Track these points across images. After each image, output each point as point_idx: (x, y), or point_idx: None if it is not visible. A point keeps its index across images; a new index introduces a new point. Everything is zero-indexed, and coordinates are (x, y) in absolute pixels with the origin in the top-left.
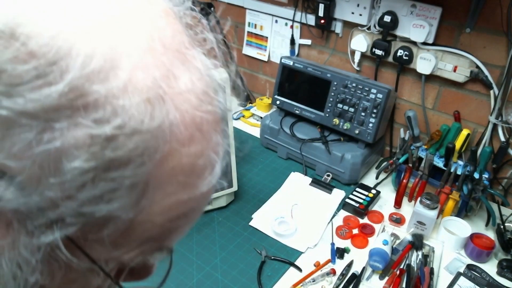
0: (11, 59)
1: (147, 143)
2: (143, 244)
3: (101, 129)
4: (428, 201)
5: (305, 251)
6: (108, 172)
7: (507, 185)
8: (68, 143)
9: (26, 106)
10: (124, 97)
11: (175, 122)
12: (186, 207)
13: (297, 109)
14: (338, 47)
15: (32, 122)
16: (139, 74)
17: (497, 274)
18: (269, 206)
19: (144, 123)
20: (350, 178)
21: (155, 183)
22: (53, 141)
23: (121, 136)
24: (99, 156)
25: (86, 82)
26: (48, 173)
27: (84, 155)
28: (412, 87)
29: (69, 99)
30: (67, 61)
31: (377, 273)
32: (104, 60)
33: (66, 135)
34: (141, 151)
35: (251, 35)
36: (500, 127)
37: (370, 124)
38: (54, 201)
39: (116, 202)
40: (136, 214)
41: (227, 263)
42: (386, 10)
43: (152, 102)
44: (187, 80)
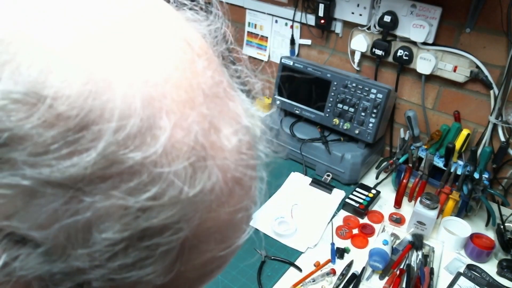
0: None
1: (185, 211)
2: None
3: (136, 199)
4: (428, 201)
5: (305, 251)
6: (142, 241)
7: (507, 185)
8: (98, 214)
9: (52, 176)
10: (163, 163)
11: (216, 183)
12: (220, 261)
13: (297, 109)
14: (338, 47)
15: (58, 191)
16: (179, 133)
17: (497, 274)
18: (269, 206)
19: (184, 191)
20: (350, 178)
21: (191, 245)
22: (82, 212)
23: (157, 206)
24: (132, 227)
25: (121, 149)
26: (76, 244)
27: (116, 226)
28: (412, 87)
29: (101, 168)
30: (100, 125)
31: (377, 273)
32: (140, 120)
33: (97, 206)
34: (178, 218)
35: (251, 35)
36: (500, 127)
37: (370, 124)
38: (81, 269)
39: (149, 268)
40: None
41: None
42: (386, 10)
43: (193, 165)
44: (230, 133)
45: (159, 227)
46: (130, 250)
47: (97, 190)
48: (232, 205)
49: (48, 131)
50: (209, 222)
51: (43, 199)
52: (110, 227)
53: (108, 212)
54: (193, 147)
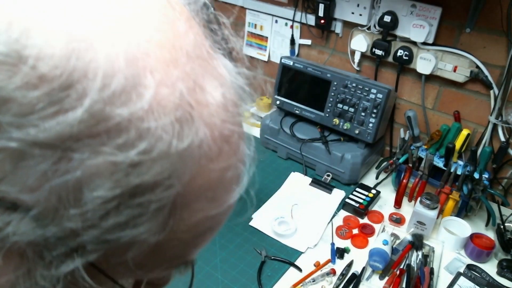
0: (20, 86)
1: (175, 166)
2: (167, 262)
3: (125, 155)
4: (428, 201)
5: (305, 251)
6: (134, 198)
7: (507, 185)
8: (88, 172)
9: (39, 136)
10: (149, 119)
11: (204, 139)
12: (213, 221)
13: (297, 109)
14: (338, 47)
15: (46, 152)
16: (164, 90)
17: (497, 274)
18: (269, 206)
19: (172, 145)
20: (350, 178)
21: (183, 203)
22: (72, 171)
23: (147, 161)
24: (123, 184)
25: (107, 106)
26: (68, 204)
27: (107, 183)
28: (412, 87)
29: (88, 126)
30: (84, 83)
31: (377, 273)
32: (125, 79)
33: (86, 164)
34: (168, 174)
35: (251, 35)
36: (500, 127)
37: (370, 124)
38: (74, 231)
39: (142, 226)
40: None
41: (227, 263)
42: (386, 10)
43: (180, 121)
44: (214, 90)
45: (150, 183)
46: (122, 208)
47: (85, 148)
48: (221, 163)
49: (32, 92)
50: (200, 180)
51: (31, 160)
52: (101, 185)
53: (98, 169)
54: (179, 104)
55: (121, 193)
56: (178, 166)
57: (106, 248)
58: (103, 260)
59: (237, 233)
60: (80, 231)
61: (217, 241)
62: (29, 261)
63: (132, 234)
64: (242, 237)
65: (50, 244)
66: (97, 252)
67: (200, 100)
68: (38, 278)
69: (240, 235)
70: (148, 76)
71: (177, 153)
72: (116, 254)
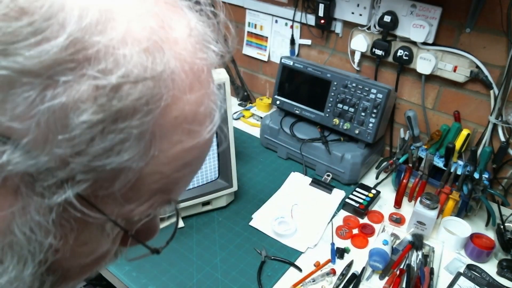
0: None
1: (151, 91)
2: (152, 197)
3: (106, 79)
4: (428, 201)
5: (305, 251)
6: (116, 123)
7: (507, 185)
8: (73, 97)
9: (25, 63)
10: (124, 47)
11: (176, 71)
12: (190, 155)
13: (297, 109)
14: (338, 47)
15: (33, 80)
16: (136, 25)
17: (497, 274)
18: (269, 206)
19: (147, 71)
20: (350, 178)
21: (161, 132)
22: (58, 97)
23: (126, 84)
24: (106, 108)
25: (86, 35)
26: (56, 131)
27: (91, 108)
28: (412, 87)
29: (70, 53)
30: (63, 15)
31: (377, 273)
32: (99, 12)
33: (71, 90)
34: (146, 99)
35: (251, 35)
36: (500, 127)
37: (370, 124)
38: (63, 159)
39: (126, 153)
40: (145, 164)
41: (227, 263)
42: (386, 10)
43: (151, 51)
44: (182, 29)
45: (130, 109)
46: (107, 132)
47: (70, 75)
48: (193, 97)
49: (15, 22)
50: (175, 111)
51: (19, 88)
52: (86, 110)
53: (83, 95)
54: (150, 37)
55: (104, 117)
56: (154, 91)
57: (94, 177)
58: (92, 193)
59: (237, 233)
60: (69, 159)
61: (217, 241)
62: (23, 196)
63: (117, 161)
64: (242, 237)
65: (42, 175)
66: (86, 182)
67: (169, 36)
68: (33, 213)
69: (240, 235)
70: (120, 12)
71: (152, 78)
72: (104, 186)
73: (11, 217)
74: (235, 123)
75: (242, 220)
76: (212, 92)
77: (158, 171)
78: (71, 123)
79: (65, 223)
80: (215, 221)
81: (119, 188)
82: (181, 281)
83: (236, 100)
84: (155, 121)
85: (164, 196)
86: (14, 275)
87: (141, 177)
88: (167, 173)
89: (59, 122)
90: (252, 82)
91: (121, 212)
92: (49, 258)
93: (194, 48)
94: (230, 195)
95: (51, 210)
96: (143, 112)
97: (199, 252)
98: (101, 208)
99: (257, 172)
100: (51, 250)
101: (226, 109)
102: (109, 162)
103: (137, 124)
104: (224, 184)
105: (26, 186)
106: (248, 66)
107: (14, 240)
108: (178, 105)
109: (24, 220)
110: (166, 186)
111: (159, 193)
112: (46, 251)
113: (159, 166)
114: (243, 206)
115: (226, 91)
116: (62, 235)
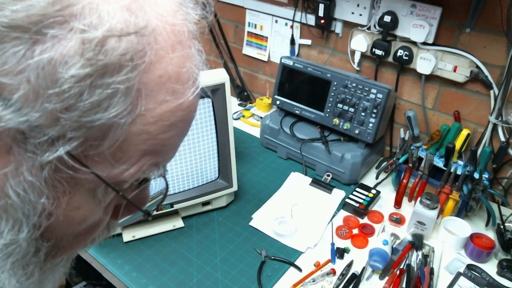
0: None
1: (135, 47)
2: (140, 158)
3: (92, 33)
4: (428, 201)
5: (305, 251)
6: (103, 77)
7: (507, 185)
8: (61, 52)
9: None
10: (107, 5)
11: (157, 30)
12: (176, 116)
13: (297, 109)
14: (338, 47)
15: (22, 34)
16: None
17: (497, 274)
18: (269, 206)
19: (130, 26)
20: (350, 178)
21: (147, 90)
22: (47, 52)
23: (111, 39)
24: (93, 62)
25: None
26: (46, 86)
27: (79, 62)
28: (412, 87)
29: (57, 9)
30: None
31: (377, 273)
32: None
33: (59, 45)
34: (130, 55)
35: (251, 35)
36: (500, 127)
37: (370, 124)
38: (54, 114)
39: (114, 109)
40: (132, 122)
41: (227, 263)
42: (386, 10)
43: (133, 9)
44: None
45: (116, 64)
46: (94, 86)
47: (56, 30)
48: (175, 57)
49: None
50: (159, 70)
51: (8, 43)
52: (74, 64)
53: (70, 49)
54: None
55: (92, 71)
56: (138, 47)
57: (84, 135)
58: (82, 153)
59: (237, 233)
60: (59, 114)
61: (217, 241)
62: (15, 156)
63: (105, 117)
64: (242, 237)
65: (33, 132)
66: (76, 140)
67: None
68: (26, 173)
69: (240, 235)
70: None
71: (135, 33)
72: (94, 144)
73: (4, 179)
74: (235, 123)
75: (242, 220)
76: (193, 55)
77: (145, 130)
78: (60, 78)
79: (57, 184)
80: (215, 221)
81: (108, 147)
82: (181, 281)
83: (236, 100)
84: (140, 78)
85: (152, 158)
86: (10, 239)
87: (129, 136)
88: (154, 133)
89: (48, 77)
90: (252, 82)
91: (111, 174)
92: (43, 223)
93: (174, 10)
94: (230, 195)
95: (43, 169)
96: (128, 67)
97: (199, 252)
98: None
99: (257, 172)
100: (45, 213)
101: (227, 109)
102: (98, 118)
103: (123, 79)
104: (224, 184)
105: (18, 145)
106: (248, 66)
107: (8, 203)
108: (162, 64)
109: (17, 181)
110: (154, 148)
111: (147, 155)
112: (40, 214)
113: (146, 126)
114: (243, 206)
115: (226, 91)
116: (55, 197)
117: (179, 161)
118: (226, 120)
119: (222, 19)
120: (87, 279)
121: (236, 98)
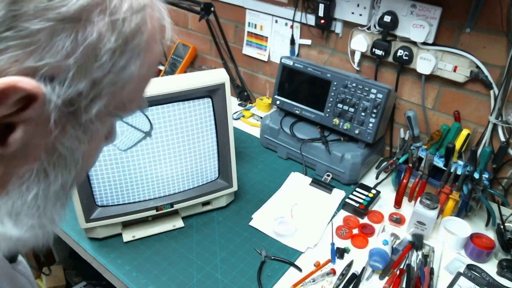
0: None
1: (142, 17)
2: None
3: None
4: (428, 201)
5: (305, 251)
6: (127, 44)
7: (507, 185)
8: (100, 32)
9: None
10: None
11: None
12: (156, 59)
13: (297, 109)
14: (338, 47)
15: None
16: None
17: (497, 274)
18: (269, 206)
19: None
20: (350, 178)
21: (147, 45)
22: (90, 35)
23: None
24: (122, 35)
25: None
26: (91, 61)
27: (112, 36)
28: (412, 87)
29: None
30: None
31: (377, 273)
32: None
33: (97, 27)
34: (142, 22)
35: (251, 35)
36: (500, 127)
37: (370, 124)
38: (96, 80)
39: (133, 66)
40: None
41: (227, 263)
42: (386, 10)
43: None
44: None
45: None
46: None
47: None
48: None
49: None
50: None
51: (63, 33)
52: (109, 39)
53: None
54: None
55: (121, 42)
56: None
57: (113, 90)
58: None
59: (237, 233)
60: (100, 80)
61: (217, 241)
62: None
63: (129, 72)
64: (242, 237)
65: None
66: (108, 96)
67: None
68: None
69: (240, 235)
70: None
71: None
72: (117, 94)
73: (55, 139)
74: (235, 123)
75: (242, 220)
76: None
77: (145, 76)
78: (101, 52)
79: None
80: (215, 221)
81: (126, 95)
82: (181, 281)
83: (236, 100)
84: (146, 39)
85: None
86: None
87: (139, 82)
88: (148, 76)
89: (92, 53)
90: (252, 82)
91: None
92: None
93: None
94: (230, 195)
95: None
96: (140, 32)
97: (199, 252)
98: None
99: (257, 172)
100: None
101: (226, 109)
102: (123, 76)
103: (137, 43)
104: (224, 184)
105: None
106: (248, 66)
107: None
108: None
109: (65, 138)
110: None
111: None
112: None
113: (146, 72)
114: (243, 206)
115: (226, 91)
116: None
117: (179, 161)
118: (226, 120)
119: (222, 19)
120: (87, 279)
121: (236, 98)
